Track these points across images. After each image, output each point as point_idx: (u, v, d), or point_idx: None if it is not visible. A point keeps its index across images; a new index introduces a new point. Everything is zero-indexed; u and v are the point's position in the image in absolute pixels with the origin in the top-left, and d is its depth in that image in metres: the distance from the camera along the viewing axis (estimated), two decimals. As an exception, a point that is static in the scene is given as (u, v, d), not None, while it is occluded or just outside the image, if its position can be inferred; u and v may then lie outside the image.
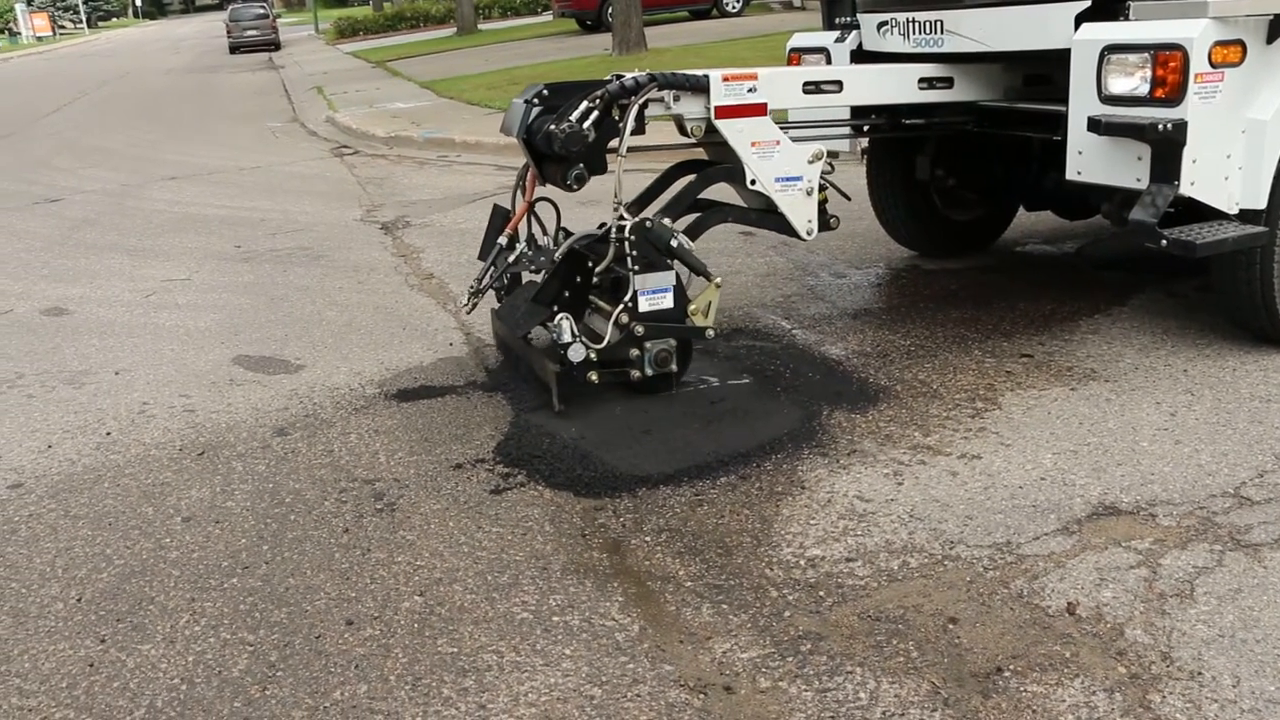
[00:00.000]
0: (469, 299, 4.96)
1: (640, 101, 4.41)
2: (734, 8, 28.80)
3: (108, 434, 4.65)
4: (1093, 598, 2.97)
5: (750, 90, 4.56)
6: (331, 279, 7.01)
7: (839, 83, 4.92)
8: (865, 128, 5.57)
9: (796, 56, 5.93)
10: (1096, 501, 3.48)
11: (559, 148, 4.28)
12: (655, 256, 4.37)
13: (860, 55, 5.61)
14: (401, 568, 3.39)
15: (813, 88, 4.84)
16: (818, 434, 4.13)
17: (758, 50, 16.85)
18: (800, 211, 4.71)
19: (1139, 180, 4.19)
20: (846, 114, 5.40)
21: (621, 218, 4.40)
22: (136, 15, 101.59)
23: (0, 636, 3.16)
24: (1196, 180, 4.11)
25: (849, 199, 5.06)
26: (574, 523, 3.60)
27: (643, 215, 4.46)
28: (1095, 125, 4.20)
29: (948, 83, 5.06)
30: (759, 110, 4.59)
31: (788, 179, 4.65)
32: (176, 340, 5.93)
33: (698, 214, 4.76)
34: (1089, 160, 4.36)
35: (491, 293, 5.05)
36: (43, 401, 5.11)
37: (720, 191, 4.85)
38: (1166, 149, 4.07)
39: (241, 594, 3.30)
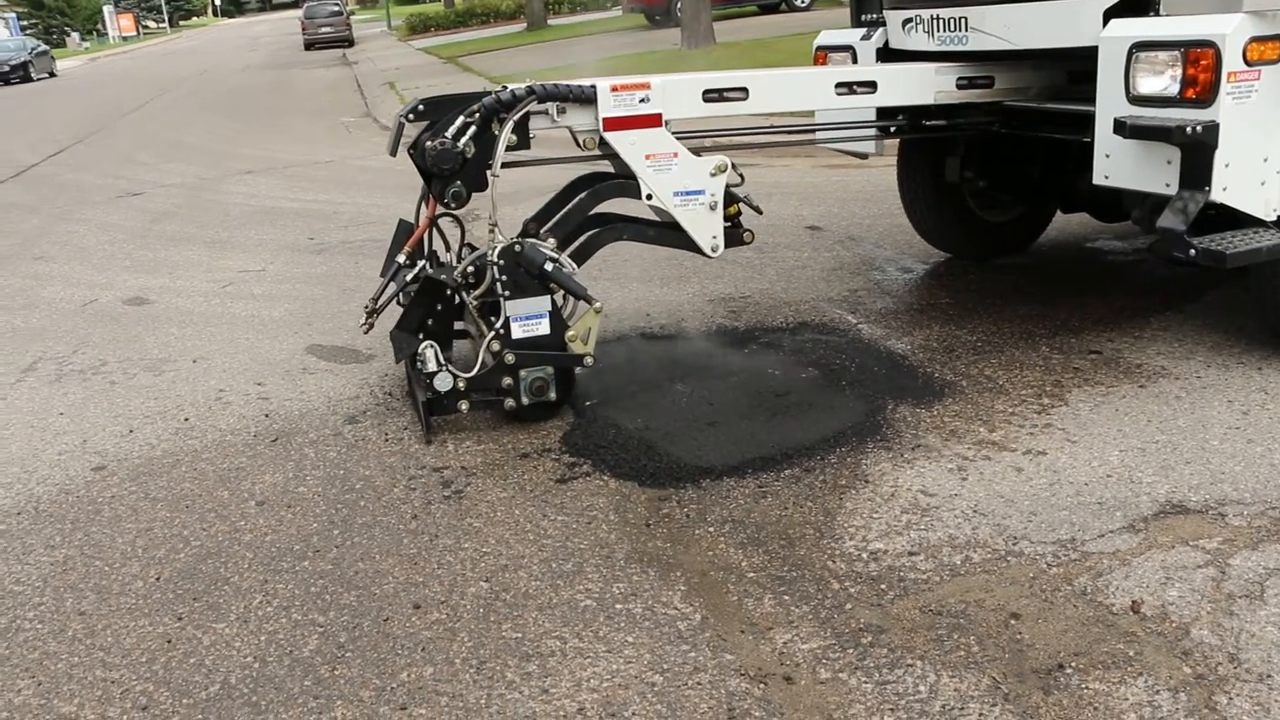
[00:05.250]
0: (366, 318, 4.70)
1: (516, 116, 4.24)
2: (803, 2, 28.60)
3: (186, 420, 4.79)
4: (1158, 596, 2.94)
5: (642, 100, 4.34)
6: (402, 271, 7.12)
7: (744, 90, 4.64)
8: (892, 129, 5.41)
9: (823, 54, 5.77)
10: (1164, 500, 3.44)
11: (431, 165, 4.16)
12: (527, 281, 4.20)
13: (886, 53, 5.45)
14: (468, 554, 3.45)
15: (715, 95, 4.56)
16: (882, 428, 4.13)
17: (827, 44, 16.71)
18: (703, 227, 4.48)
19: (1168, 185, 4.01)
20: (872, 114, 5.24)
21: (493, 240, 4.24)
22: (215, 13, 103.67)
23: (85, 611, 3.28)
24: (1230, 185, 3.91)
25: (760, 213, 4.87)
26: (638, 512, 3.64)
27: (514, 237, 4.30)
28: (1121, 128, 4.02)
29: (869, 86, 4.80)
30: (653, 121, 4.36)
31: (688, 193, 4.42)
32: (252, 330, 6.08)
33: (591, 231, 4.57)
34: (1117, 164, 4.18)
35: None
36: (124, 388, 5.28)
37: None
38: (1197, 153, 3.88)
39: (312, 576, 3.39)
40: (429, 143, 4.18)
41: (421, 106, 4.35)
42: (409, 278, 4.55)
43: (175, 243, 8.69)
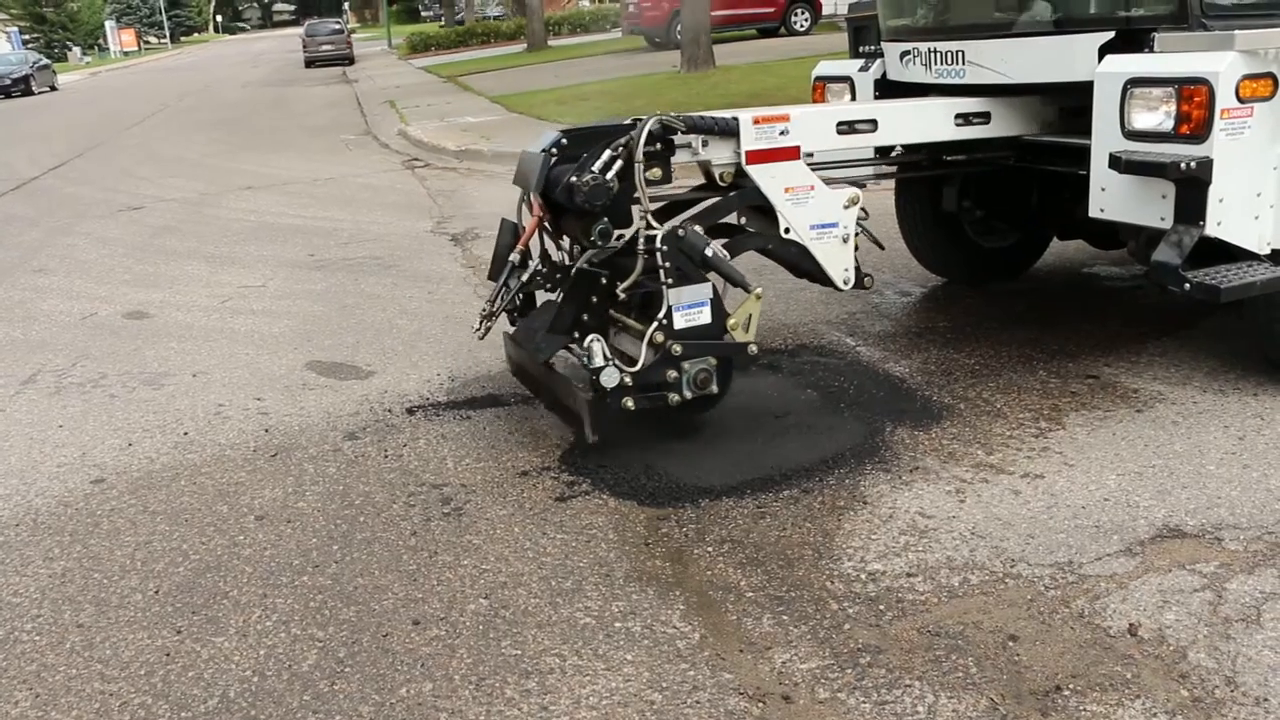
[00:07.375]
0: (480, 322, 4.59)
1: (644, 134, 4.06)
2: (802, 26, 28.77)
3: (185, 434, 4.80)
4: (1155, 620, 2.96)
5: (782, 133, 4.28)
6: (402, 288, 7.15)
7: (874, 121, 4.67)
8: (906, 164, 5.43)
9: (821, 85, 5.81)
10: (1161, 524, 3.46)
11: (582, 201, 3.97)
12: (689, 267, 4.02)
13: (884, 85, 5.49)
14: (467, 571, 3.46)
15: (846, 128, 4.58)
16: (880, 450, 4.15)
17: (826, 68, 16.78)
18: (836, 260, 4.43)
19: (1163, 219, 4.04)
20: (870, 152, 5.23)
21: (650, 226, 4.08)
22: (217, 30, 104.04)
23: (84, 624, 3.28)
24: (1224, 220, 3.95)
25: (882, 248, 4.90)
26: (637, 531, 3.65)
27: (673, 223, 4.13)
28: (1116, 163, 4.05)
29: (984, 118, 4.82)
30: (792, 154, 4.31)
31: (823, 226, 4.36)
32: (251, 345, 6.09)
33: (736, 235, 4.49)
34: (1112, 197, 4.21)
35: (505, 315, 4.66)
36: (124, 401, 5.28)
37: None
38: (1191, 188, 3.91)
39: (312, 591, 3.39)
40: (576, 179, 3.99)
41: (565, 140, 4.21)
42: (524, 278, 4.44)
43: (175, 257, 8.71)
